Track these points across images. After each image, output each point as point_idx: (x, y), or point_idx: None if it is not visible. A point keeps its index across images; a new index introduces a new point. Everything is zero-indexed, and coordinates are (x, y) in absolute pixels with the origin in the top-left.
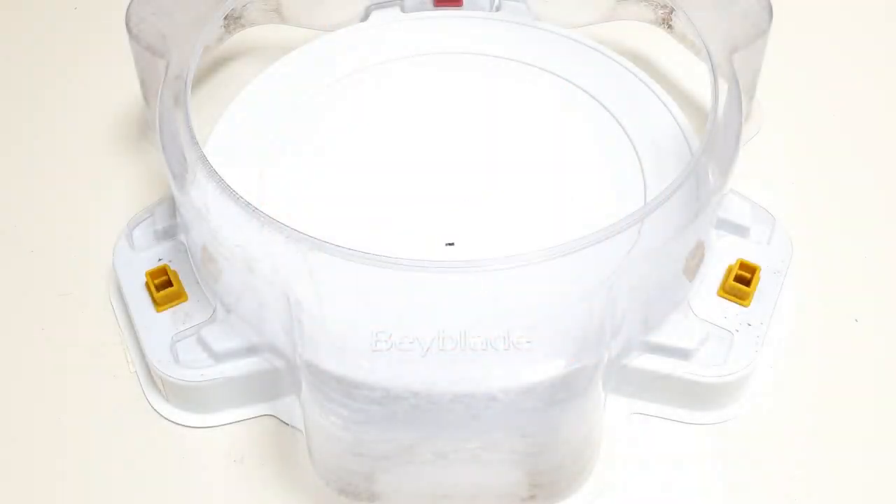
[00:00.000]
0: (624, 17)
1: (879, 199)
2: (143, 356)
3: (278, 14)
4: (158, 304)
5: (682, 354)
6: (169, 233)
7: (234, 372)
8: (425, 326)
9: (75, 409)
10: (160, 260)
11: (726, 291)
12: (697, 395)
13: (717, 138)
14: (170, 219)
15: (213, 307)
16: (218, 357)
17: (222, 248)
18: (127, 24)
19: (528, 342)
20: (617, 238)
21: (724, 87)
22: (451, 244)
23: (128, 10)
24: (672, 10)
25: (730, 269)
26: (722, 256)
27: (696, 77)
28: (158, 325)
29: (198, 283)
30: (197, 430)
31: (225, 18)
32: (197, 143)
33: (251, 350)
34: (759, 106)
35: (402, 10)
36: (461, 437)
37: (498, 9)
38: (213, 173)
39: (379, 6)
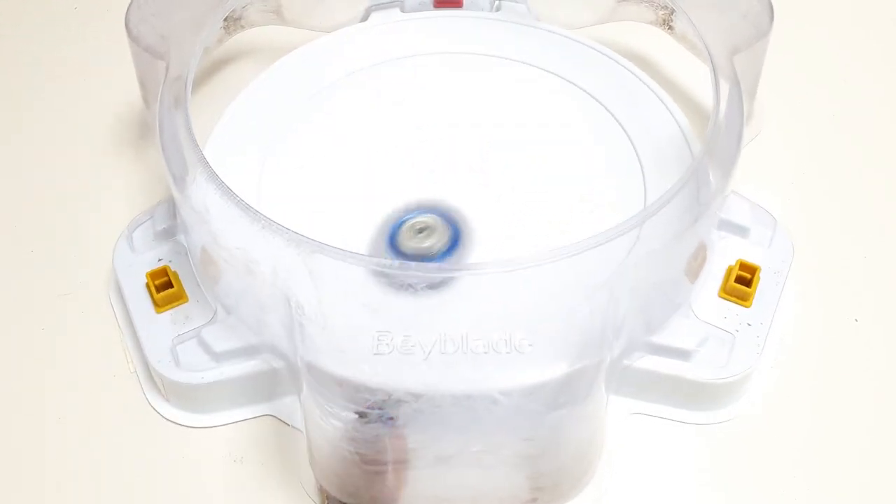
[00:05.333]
0: (624, 17)
1: (879, 200)
2: (143, 356)
3: (278, 15)
4: (159, 305)
5: (684, 355)
6: (169, 233)
7: (234, 373)
8: (427, 329)
9: (75, 409)
10: (160, 261)
11: (727, 292)
12: (698, 395)
13: (718, 140)
14: (170, 219)
15: (213, 308)
16: (218, 358)
17: (222, 251)
18: (127, 26)
19: (530, 345)
20: (618, 241)
21: (725, 88)
22: None
23: (128, 11)
24: (672, 11)
25: (730, 270)
26: (722, 257)
27: (696, 78)
28: (159, 326)
29: (198, 284)
30: (197, 430)
31: (225, 20)
32: (197, 145)
33: (251, 351)
34: (761, 107)
35: (402, 10)
36: (463, 441)
37: (498, 9)
38: (213, 175)
39: (379, 7)
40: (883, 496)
